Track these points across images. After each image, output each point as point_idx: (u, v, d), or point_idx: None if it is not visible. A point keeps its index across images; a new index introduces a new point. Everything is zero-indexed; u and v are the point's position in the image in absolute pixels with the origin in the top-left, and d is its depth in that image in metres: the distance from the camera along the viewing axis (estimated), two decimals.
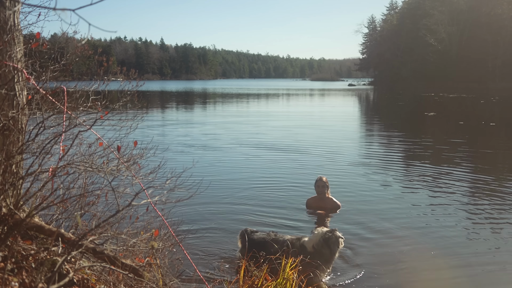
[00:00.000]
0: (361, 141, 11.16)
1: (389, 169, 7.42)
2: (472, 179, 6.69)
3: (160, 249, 2.34)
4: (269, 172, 7.08)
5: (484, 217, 4.81)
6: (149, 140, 2.69)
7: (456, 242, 4.08)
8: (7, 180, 1.98)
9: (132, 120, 2.44)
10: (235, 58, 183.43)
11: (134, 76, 2.41)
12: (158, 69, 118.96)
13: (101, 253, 2.04)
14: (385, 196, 5.77)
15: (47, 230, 2.08)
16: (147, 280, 2.13)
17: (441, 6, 53.03)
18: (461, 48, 52.33)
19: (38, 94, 2.10)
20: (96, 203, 2.24)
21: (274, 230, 3.90)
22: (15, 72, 2.02)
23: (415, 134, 12.49)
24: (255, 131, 12.45)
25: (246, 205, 5.21)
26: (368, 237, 4.22)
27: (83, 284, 1.99)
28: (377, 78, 70.65)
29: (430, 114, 18.71)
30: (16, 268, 1.82)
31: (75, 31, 2.30)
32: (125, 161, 2.21)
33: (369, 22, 77.05)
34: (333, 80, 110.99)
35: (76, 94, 2.23)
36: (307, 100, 32.49)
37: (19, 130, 2.07)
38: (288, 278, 2.52)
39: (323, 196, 5.08)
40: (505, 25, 47.71)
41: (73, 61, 2.27)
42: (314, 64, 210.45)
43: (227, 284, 2.53)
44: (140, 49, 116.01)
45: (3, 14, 2.02)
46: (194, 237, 3.70)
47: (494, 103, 25.35)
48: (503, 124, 14.83)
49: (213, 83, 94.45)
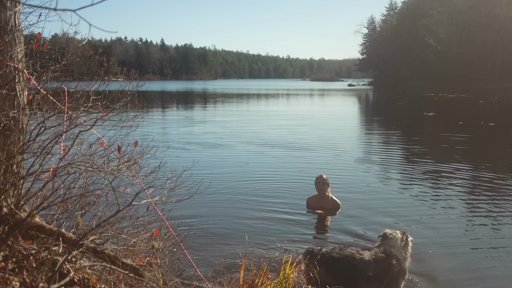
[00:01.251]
0: (360, 141, 11.17)
1: (388, 168, 7.43)
2: (470, 178, 6.70)
3: (160, 248, 2.35)
4: (269, 171, 7.08)
5: (483, 215, 4.84)
6: (150, 140, 2.70)
7: (456, 242, 4.09)
8: (8, 180, 1.98)
9: (132, 120, 2.45)
10: (235, 58, 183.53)
11: (134, 77, 2.42)
12: (159, 69, 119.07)
13: (102, 252, 2.05)
14: (385, 194, 5.78)
15: (47, 230, 2.08)
16: (148, 280, 2.13)
17: (440, 7, 53.08)
18: (460, 48, 52.41)
19: (39, 94, 2.11)
20: (97, 203, 2.24)
21: (274, 230, 3.89)
22: (16, 73, 2.03)
23: (415, 134, 12.50)
24: (255, 131, 12.45)
25: (246, 204, 5.21)
26: (368, 236, 4.23)
27: (84, 284, 2.00)
28: (376, 78, 70.68)
29: (429, 114, 18.73)
30: (17, 268, 1.83)
31: (76, 32, 2.31)
32: (125, 161, 2.22)
33: (369, 23, 77.13)
34: (332, 80, 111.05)
35: (76, 94, 2.24)
36: (307, 100, 32.51)
37: (20, 130, 2.07)
38: (288, 277, 2.52)
39: (323, 194, 5.09)
40: (504, 25, 47.77)
41: (73, 61, 2.28)
42: (314, 65, 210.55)
43: (227, 283, 2.54)
44: (140, 50, 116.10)
45: (4, 14, 2.03)
46: (194, 236, 3.70)
47: (493, 103, 25.37)
48: (502, 124, 14.85)
49: (213, 83, 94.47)
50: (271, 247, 3.88)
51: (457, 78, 49.95)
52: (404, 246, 2.82)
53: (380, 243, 2.91)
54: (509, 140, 11.67)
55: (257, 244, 3.89)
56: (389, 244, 2.81)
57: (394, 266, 2.70)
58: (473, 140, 10.96)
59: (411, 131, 13.43)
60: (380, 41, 68.66)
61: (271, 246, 3.91)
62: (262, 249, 3.78)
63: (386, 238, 2.88)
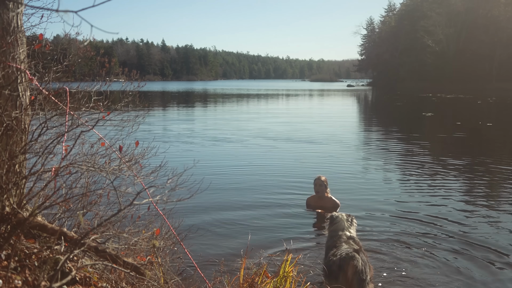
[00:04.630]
0: (359, 141, 11.19)
1: (388, 168, 7.46)
2: (470, 177, 6.73)
3: (161, 247, 2.37)
4: (269, 171, 7.10)
5: (483, 214, 4.87)
6: (151, 139, 2.72)
7: (456, 241, 4.11)
8: (10, 180, 2.00)
9: (133, 120, 2.47)
10: (235, 59, 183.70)
11: (135, 77, 2.44)
12: (160, 70, 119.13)
13: (103, 251, 2.06)
14: (385, 194, 5.80)
15: (49, 229, 2.10)
16: (149, 278, 2.15)
17: (438, 8, 53.26)
18: (458, 49, 52.58)
19: (41, 94, 2.13)
20: (98, 202, 2.26)
21: (274, 230, 3.90)
22: (18, 73, 2.05)
23: (413, 134, 12.54)
24: (255, 131, 12.47)
25: (247, 204, 5.23)
26: (368, 234, 4.25)
27: (86, 282, 2.01)
28: (375, 79, 70.83)
29: (427, 114, 18.78)
30: (19, 267, 1.84)
31: (78, 33, 2.32)
32: (126, 161, 2.24)
33: (368, 24, 77.33)
34: (332, 81, 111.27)
35: (78, 95, 2.26)
36: (307, 101, 32.54)
37: (22, 130, 2.09)
38: (287, 275, 2.54)
39: (322, 195, 5.11)
40: (502, 26, 47.95)
41: (75, 62, 2.29)
42: (313, 65, 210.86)
43: (228, 282, 2.56)
44: (141, 51, 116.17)
45: (6, 16, 2.05)
46: (195, 235, 3.71)
47: (491, 103, 25.45)
48: (500, 125, 14.90)
49: (214, 83, 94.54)
50: (271, 246, 3.90)
51: (455, 78, 50.12)
52: (350, 225, 3.24)
53: (329, 225, 3.32)
54: (507, 140, 11.72)
55: (258, 243, 3.91)
56: (337, 226, 3.21)
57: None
58: (471, 140, 11.01)
59: (410, 131, 13.47)
60: (379, 42, 68.81)
61: (271, 245, 3.93)
62: (262, 248, 3.80)
63: (334, 221, 3.28)
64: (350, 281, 2.66)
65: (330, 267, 2.80)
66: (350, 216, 3.35)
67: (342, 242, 3.00)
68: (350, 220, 3.30)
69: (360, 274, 2.66)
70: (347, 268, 2.67)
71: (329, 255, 2.90)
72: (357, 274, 2.66)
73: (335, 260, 2.78)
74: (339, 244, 2.96)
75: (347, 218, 3.30)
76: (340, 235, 3.10)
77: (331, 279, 2.76)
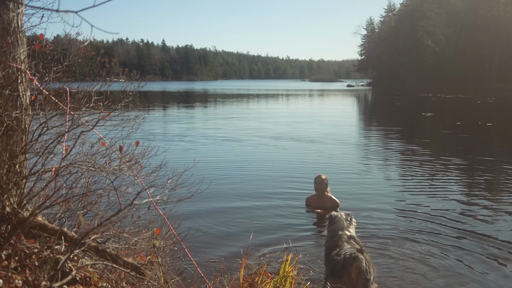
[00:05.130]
0: (359, 141, 11.19)
1: (388, 168, 7.47)
2: (469, 176, 6.74)
3: (161, 247, 2.37)
4: (270, 171, 7.11)
5: (483, 212, 4.89)
6: (151, 139, 2.73)
7: (457, 238, 4.12)
8: (11, 180, 2.00)
9: (134, 120, 2.47)
10: (235, 59, 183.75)
11: (136, 77, 2.44)
12: (160, 70, 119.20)
13: (103, 251, 2.07)
14: (384, 194, 5.81)
15: (50, 229, 2.10)
16: (149, 278, 2.15)
17: (438, 8, 53.31)
18: (458, 49, 52.61)
19: (41, 94, 2.13)
20: (99, 202, 2.26)
21: (274, 229, 3.90)
22: (18, 73, 2.05)
23: (413, 133, 12.55)
24: (255, 131, 12.47)
25: (247, 203, 5.24)
26: (369, 232, 4.25)
27: (86, 282, 2.02)
28: (375, 79, 70.86)
29: (427, 114, 18.79)
30: (19, 266, 1.85)
31: (78, 33, 2.33)
32: (127, 161, 2.24)
33: (368, 24, 77.33)
34: (332, 81, 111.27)
35: (78, 95, 2.26)
36: (307, 101, 32.54)
37: (22, 130, 2.09)
38: (287, 275, 2.55)
39: (322, 194, 5.11)
40: (501, 26, 48.00)
41: (75, 62, 2.30)
42: (313, 65, 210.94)
43: (228, 282, 2.56)
44: (141, 51, 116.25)
45: (6, 16, 2.05)
46: (195, 235, 3.72)
47: (491, 103, 25.46)
48: (499, 125, 14.91)
49: (214, 84, 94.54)
50: (271, 246, 3.90)
51: (455, 78, 50.13)
52: (349, 224, 3.25)
53: (328, 225, 3.32)
54: (506, 140, 11.73)
55: (258, 243, 3.92)
56: (336, 225, 3.21)
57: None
58: (471, 140, 11.02)
59: (410, 131, 13.48)
60: (378, 42, 68.85)
61: (271, 245, 3.93)
62: (262, 248, 3.80)
63: (333, 220, 3.28)
64: (355, 281, 2.66)
65: (334, 267, 2.79)
66: (349, 216, 3.35)
67: (344, 241, 2.99)
68: (349, 220, 3.30)
69: (364, 274, 2.67)
70: (351, 268, 2.67)
71: (333, 254, 2.88)
72: (362, 274, 2.66)
73: (339, 260, 2.77)
74: (341, 244, 2.95)
75: (346, 217, 3.30)
76: (341, 235, 3.09)
77: (334, 279, 2.75)
